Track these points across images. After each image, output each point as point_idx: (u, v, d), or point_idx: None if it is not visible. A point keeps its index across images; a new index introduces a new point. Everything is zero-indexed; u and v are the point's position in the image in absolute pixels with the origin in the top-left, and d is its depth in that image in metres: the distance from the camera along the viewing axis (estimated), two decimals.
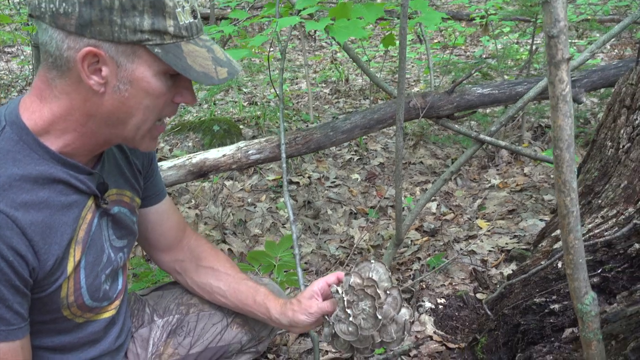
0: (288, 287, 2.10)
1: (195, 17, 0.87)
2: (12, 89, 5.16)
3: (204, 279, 1.25)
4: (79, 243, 0.94)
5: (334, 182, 3.10)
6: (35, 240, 0.85)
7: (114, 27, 0.80)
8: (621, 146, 1.43)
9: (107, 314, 1.08)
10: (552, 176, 2.93)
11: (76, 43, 0.81)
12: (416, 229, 2.60)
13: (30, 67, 5.62)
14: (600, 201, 1.46)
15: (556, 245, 1.54)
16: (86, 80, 0.83)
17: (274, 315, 1.18)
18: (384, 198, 2.90)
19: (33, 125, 0.87)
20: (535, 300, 1.46)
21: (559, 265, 1.45)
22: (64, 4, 0.79)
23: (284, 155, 1.90)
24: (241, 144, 2.06)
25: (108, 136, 0.92)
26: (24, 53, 6.47)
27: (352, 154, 3.41)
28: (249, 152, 2.01)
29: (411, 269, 2.26)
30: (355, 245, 2.48)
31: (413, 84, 4.71)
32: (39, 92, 0.88)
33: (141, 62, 0.84)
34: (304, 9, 1.69)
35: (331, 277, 1.15)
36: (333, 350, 1.79)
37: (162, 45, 0.83)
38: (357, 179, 3.14)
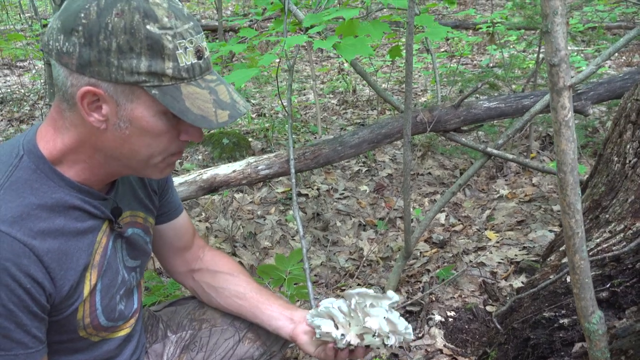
0: (298, 300, 2.12)
1: (199, 58, 0.86)
2: (25, 103, 5.25)
3: (222, 284, 1.27)
4: (95, 267, 0.97)
5: (343, 193, 3.12)
6: (52, 267, 0.87)
7: (112, 68, 0.81)
8: (628, 161, 1.44)
9: (123, 332, 1.11)
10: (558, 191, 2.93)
11: (78, 81, 0.83)
12: (425, 241, 2.61)
13: (42, 81, 5.72)
14: (607, 216, 1.47)
15: (565, 260, 1.54)
16: (86, 117, 0.85)
17: (296, 317, 1.20)
18: (393, 209, 2.91)
19: (48, 154, 0.90)
20: (544, 314, 1.46)
21: (568, 279, 1.46)
22: (66, 44, 0.82)
23: (292, 170, 1.92)
24: (251, 159, 2.09)
25: (117, 168, 0.94)
26: (36, 67, 6.58)
27: (361, 166, 3.43)
28: (259, 168, 2.04)
29: (420, 282, 2.27)
30: (365, 258, 2.49)
31: (420, 93, 4.73)
32: (53, 122, 0.91)
33: (140, 102, 0.84)
34: (311, 26, 1.72)
35: None
36: None
37: (160, 87, 0.83)
38: (366, 190, 3.16)
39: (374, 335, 1.03)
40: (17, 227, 0.83)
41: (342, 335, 1.05)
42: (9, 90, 5.61)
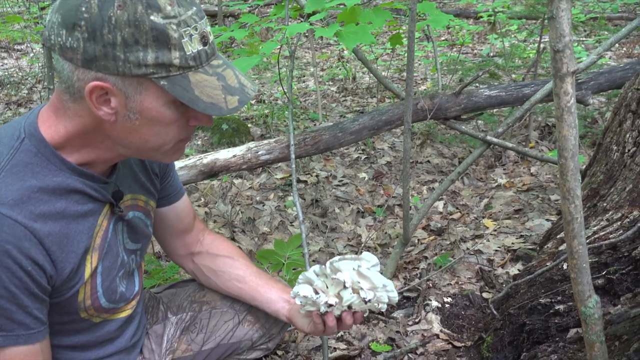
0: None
1: (205, 44, 0.85)
2: (22, 87, 5.22)
3: (221, 267, 1.29)
4: (96, 250, 0.98)
5: (342, 180, 3.13)
6: (53, 250, 0.88)
7: (118, 62, 0.80)
8: (627, 150, 1.45)
9: (124, 314, 1.12)
10: (558, 176, 2.95)
11: (84, 75, 0.82)
12: (423, 228, 2.63)
13: (40, 64, 5.68)
14: (605, 204, 1.48)
15: (562, 247, 1.56)
16: (95, 111, 0.84)
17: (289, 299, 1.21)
18: (392, 197, 2.92)
19: (50, 138, 0.90)
20: (540, 300, 1.48)
21: (565, 266, 1.48)
22: (69, 39, 0.80)
23: (293, 156, 1.92)
24: (251, 144, 2.10)
25: (124, 153, 0.94)
26: (34, 50, 6.53)
27: (360, 153, 3.44)
28: (259, 153, 2.05)
29: (418, 268, 2.28)
30: (363, 244, 2.51)
31: (420, 82, 4.72)
32: (54, 108, 0.90)
33: (149, 93, 0.84)
34: (313, 13, 1.72)
35: None
36: (341, 347, 1.82)
37: (168, 78, 0.82)
38: (365, 177, 3.17)
39: (345, 288, 1.02)
40: (17, 210, 0.84)
41: (318, 295, 1.05)
42: (6, 73, 5.57)
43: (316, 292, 1.06)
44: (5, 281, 0.83)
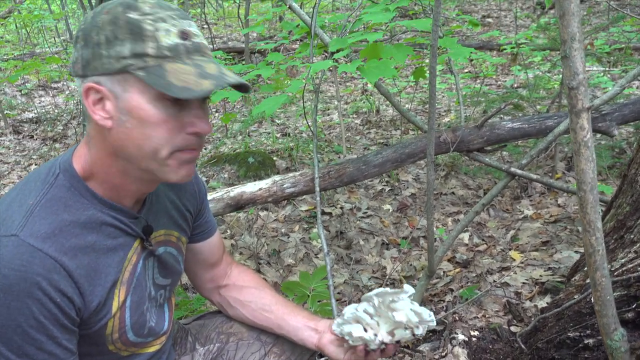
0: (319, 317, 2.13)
1: (184, 39, 0.87)
2: (58, 123, 5.43)
3: (248, 297, 1.31)
4: (124, 284, 1.00)
5: (366, 212, 3.14)
6: (81, 283, 0.90)
7: (103, 59, 0.86)
8: None
9: (152, 349, 1.13)
10: (578, 209, 2.90)
11: (84, 84, 0.88)
12: (448, 260, 2.61)
13: (75, 101, 5.93)
14: (632, 236, 1.47)
15: (589, 280, 1.54)
16: (92, 115, 0.89)
17: (320, 329, 1.23)
18: (416, 229, 2.92)
19: (81, 170, 0.95)
20: (569, 334, 1.46)
21: (592, 299, 1.45)
22: (75, 54, 0.89)
23: (317, 188, 1.96)
24: (277, 177, 2.14)
25: (136, 174, 0.95)
26: (69, 88, 6.82)
27: (384, 185, 3.46)
28: (284, 186, 2.09)
29: (444, 301, 2.26)
30: (387, 276, 2.50)
31: (444, 114, 4.75)
32: (86, 139, 0.96)
33: (133, 90, 0.86)
34: (337, 51, 1.78)
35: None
36: None
37: (145, 69, 0.85)
38: (389, 209, 3.18)
39: (405, 329, 1.06)
40: (49, 243, 0.87)
41: (375, 335, 1.07)
42: (43, 110, 5.82)
43: (366, 330, 1.08)
44: (35, 312, 0.85)
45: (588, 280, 1.54)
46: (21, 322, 0.85)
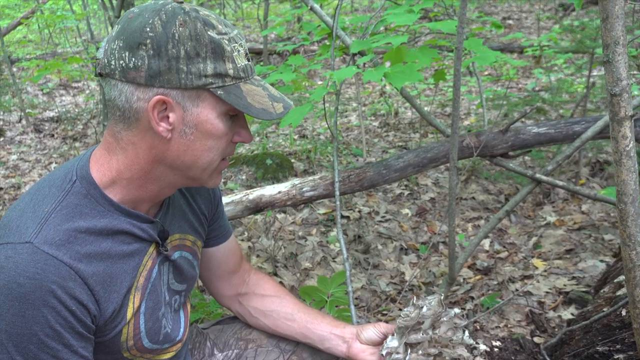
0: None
1: (248, 60, 0.93)
2: (78, 122, 5.49)
3: (269, 307, 1.28)
4: (139, 290, 0.99)
5: (384, 216, 3.10)
6: (96, 290, 0.89)
7: (181, 74, 0.86)
8: None
9: (168, 356, 1.11)
10: (612, 214, 2.83)
11: (145, 94, 0.86)
12: (469, 267, 2.57)
13: (95, 100, 5.99)
14: None
15: (619, 292, 1.49)
16: (156, 127, 0.88)
17: (347, 336, 1.21)
18: (436, 234, 2.87)
19: (100, 177, 0.93)
20: (598, 348, 1.41)
21: (624, 313, 1.40)
22: (133, 59, 0.85)
23: (337, 193, 1.93)
24: (296, 181, 2.12)
25: (172, 180, 0.96)
26: (90, 88, 6.90)
27: (403, 189, 3.42)
28: (303, 190, 2.06)
29: (464, 309, 2.22)
30: (407, 282, 2.46)
31: (463, 117, 4.69)
32: (107, 146, 0.94)
33: (205, 105, 0.89)
34: (359, 53, 1.74)
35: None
36: None
37: (224, 87, 0.89)
38: (408, 214, 3.14)
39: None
40: (64, 250, 0.86)
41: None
42: (64, 109, 5.89)
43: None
44: (50, 321, 0.84)
45: (619, 293, 1.49)
46: (37, 331, 0.84)
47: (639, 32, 5.52)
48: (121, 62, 0.86)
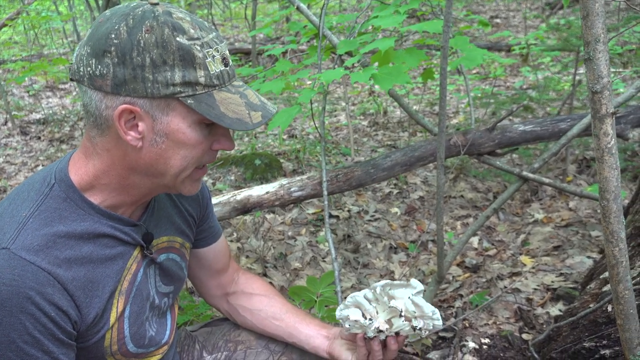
0: (329, 323, 2.10)
1: (226, 65, 0.88)
2: (65, 124, 5.44)
3: (257, 305, 1.28)
4: (122, 294, 0.97)
5: (374, 215, 3.11)
6: (77, 295, 0.88)
7: (147, 83, 0.82)
8: None
9: (154, 359, 1.10)
10: (599, 211, 2.85)
11: (113, 102, 0.84)
12: (458, 265, 2.57)
13: (81, 103, 5.94)
14: None
15: (605, 288, 1.50)
16: (124, 136, 0.86)
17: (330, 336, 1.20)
18: (425, 232, 2.88)
19: (79, 181, 0.91)
20: (584, 344, 1.42)
21: (609, 309, 1.41)
22: (99, 67, 0.83)
23: (325, 192, 1.93)
24: (284, 181, 2.11)
25: (150, 186, 0.95)
26: (76, 89, 6.84)
27: (392, 188, 3.42)
28: (291, 190, 2.06)
29: (453, 307, 2.23)
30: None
31: (452, 115, 4.70)
32: (85, 150, 0.93)
33: (175, 114, 0.85)
34: (347, 53, 1.74)
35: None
36: None
37: (194, 96, 0.84)
38: (397, 212, 3.14)
39: (400, 316, 1.03)
40: (42, 256, 0.84)
41: (370, 320, 1.05)
42: (50, 111, 5.83)
43: (364, 316, 1.05)
44: (29, 328, 0.83)
45: (604, 289, 1.50)
46: (15, 338, 0.83)
47: (624, 29, 5.56)
48: (88, 69, 0.84)
